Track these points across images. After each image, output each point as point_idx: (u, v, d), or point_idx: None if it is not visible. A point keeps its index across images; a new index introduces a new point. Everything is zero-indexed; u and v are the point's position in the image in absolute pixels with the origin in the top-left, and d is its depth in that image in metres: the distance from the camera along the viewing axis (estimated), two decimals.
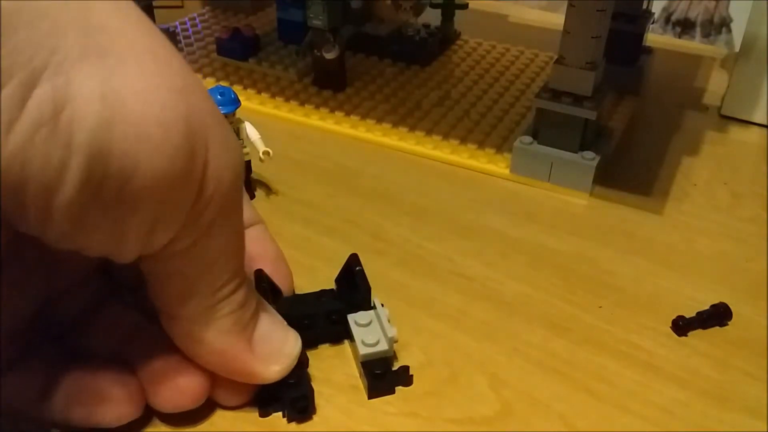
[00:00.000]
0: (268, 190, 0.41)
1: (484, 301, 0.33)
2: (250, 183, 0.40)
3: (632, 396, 0.29)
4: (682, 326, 0.32)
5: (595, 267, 0.36)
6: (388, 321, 0.29)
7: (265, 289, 0.29)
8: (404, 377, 0.29)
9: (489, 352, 0.31)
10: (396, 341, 0.29)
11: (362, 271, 0.30)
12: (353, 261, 0.31)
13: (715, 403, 0.29)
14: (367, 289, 0.30)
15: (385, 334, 0.29)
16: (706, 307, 0.33)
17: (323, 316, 0.30)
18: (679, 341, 0.32)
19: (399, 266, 0.35)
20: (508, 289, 0.34)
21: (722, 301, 0.33)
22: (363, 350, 0.29)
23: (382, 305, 0.30)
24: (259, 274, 0.30)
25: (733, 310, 0.32)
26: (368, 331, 0.29)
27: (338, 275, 0.32)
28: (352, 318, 0.30)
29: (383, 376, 0.28)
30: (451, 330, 0.32)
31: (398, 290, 0.34)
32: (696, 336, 0.32)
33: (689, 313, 0.32)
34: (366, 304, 0.30)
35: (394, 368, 0.29)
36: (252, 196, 0.40)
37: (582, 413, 0.28)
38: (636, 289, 0.34)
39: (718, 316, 0.32)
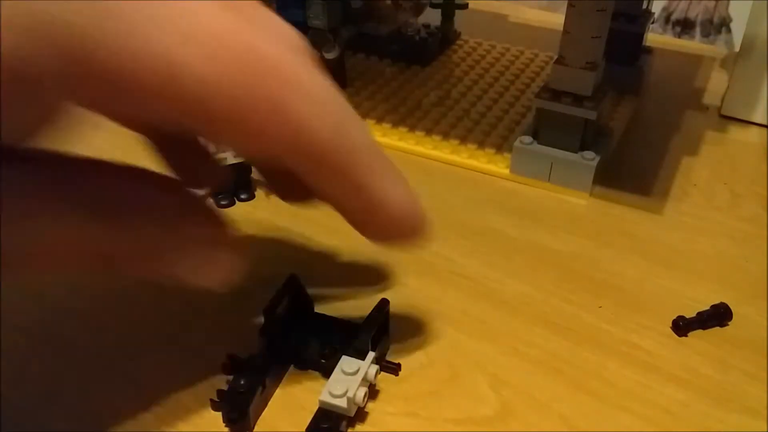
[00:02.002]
0: (268, 190, 0.41)
1: (484, 301, 0.33)
2: (250, 183, 0.40)
3: (632, 396, 0.29)
4: (682, 326, 0.32)
5: (595, 267, 0.36)
6: (371, 383, 0.27)
7: (280, 293, 0.29)
8: None
9: (489, 352, 0.31)
10: (358, 406, 0.27)
11: (375, 318, 0.29)
12: (379, 305, 0.29)
13: (715, 403, 0.29)
14: (366, 338, 0.28)
15: (352, 392, 0.26)
16: (707, 308, 0.33)
17: (318, 345, 0.29)
18: (679, 341, 0.32)
19: (399, 266, 0.35)
20: (508, 288, 0.34)
21: (722, 301, 0.33)
22: (323, 395, 0.26)
23: (381, 365, 0.28)
24: (291, 279, 0.29)
25: (733, 310, 0.32)
26: (344, 381, 0.27)
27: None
28: (343, 360, 0.28)
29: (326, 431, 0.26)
30: (451, 330, 0.32)
31: (398, 290, 0.34)
32: (696, 336, 0.32)
33: (689, 313, 0.32)
34: (362, 353, 0.28)
35: None
36: (252, 196, 0.40)
37: (582, 413, 0.28)
38: (636, 289, 0.34)
39: (718, 316, 0.32)
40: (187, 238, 0.23)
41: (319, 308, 0.31)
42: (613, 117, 0.47)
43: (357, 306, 0.31)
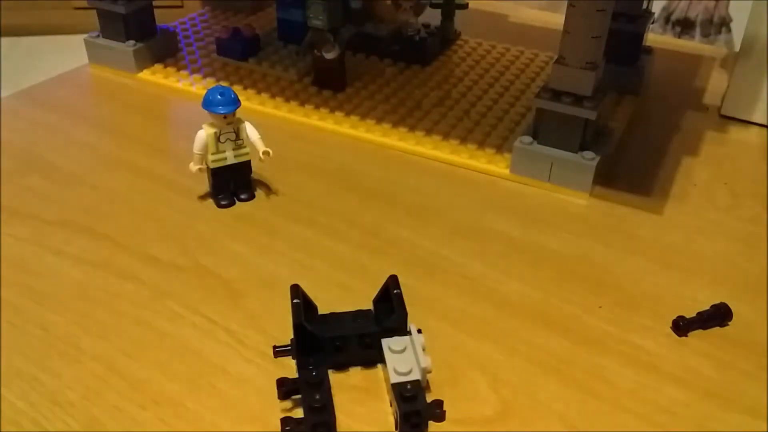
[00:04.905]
0: (268, 190, 0.41)
1: (484, 301, 0.33)
2: (250, 183, 0.40)
3: (632, 396, 0.29)
4: (682, 326, 0.32)
5: (595, 267, 0.36)
6: (423, 350, 0.28)
7: (298, 305, 0.29)
8: (435, 410, 0.27)
9: (489, 352, 0.31)
10: (429, 372, 0.28)
11: (400, 294, 0.29)
12: (392, 283, 0.30)
13: (715, 403, 0.29)
14: (404, 314, 0.29)
15: (418, 364, 0.28)
16: (707, 307, 0.33)
17: (357, 339, 0.29)
18: (679, 341, 0.32)
19: (399, 266, 0.35)
20: (508, 289, 0.34)
21: (722, 301, 0.33)
22: (395, 378, 0.27)
23: (419, 331, 0.29)
24: (296, 289, 0.29)
25: (733, 310, 0.32)
26: (401, 359, 0.28)
27: (376, 296, 0.31)
28: (386, 343, 0.29)
29: (414, 398, 0.27)
30: (451, 330, 0.32)
31: None
32: (696, 336, 0.32)
33: (689, 313, 0.32)
34: (402, 330, 0.29)
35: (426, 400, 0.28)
36: (252, 196, 0.40)
37: (582, 413, 0.28)
38: (636, 289, 0.34)
39: (718, 316, 0.32)
40: None
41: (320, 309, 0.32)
42: (613, 117, 0.47)
43: (357, 303, 0.31)
